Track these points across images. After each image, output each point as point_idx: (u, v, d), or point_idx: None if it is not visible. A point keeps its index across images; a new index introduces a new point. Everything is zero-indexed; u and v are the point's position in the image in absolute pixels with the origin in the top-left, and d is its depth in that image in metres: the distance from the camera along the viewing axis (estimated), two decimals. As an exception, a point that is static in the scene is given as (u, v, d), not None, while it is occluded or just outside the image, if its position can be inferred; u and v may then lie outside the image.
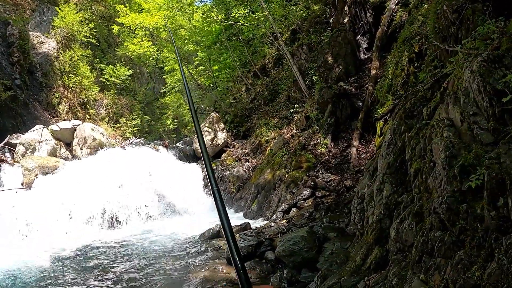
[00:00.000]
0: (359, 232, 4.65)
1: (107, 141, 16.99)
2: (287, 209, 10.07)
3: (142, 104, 25.75)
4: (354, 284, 3.28)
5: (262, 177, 12.07)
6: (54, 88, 19.86)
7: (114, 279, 7.13)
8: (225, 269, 7.02)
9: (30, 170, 12.04)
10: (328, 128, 11.77)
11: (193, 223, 11.29)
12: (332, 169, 10.91)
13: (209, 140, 15.87)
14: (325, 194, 9.96)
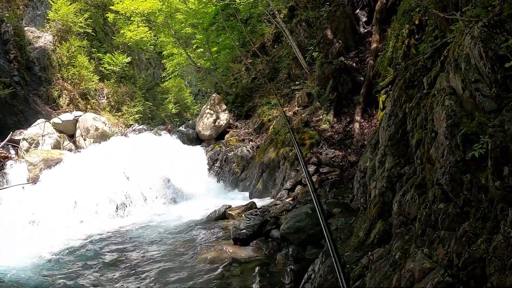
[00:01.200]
0: (362, 206, 4.60)
1: (110, 129, 16.94)
2: (292, 187, 10.05)
3: (143, 90, 25.61)
4: (357, 259, 3.24)
5: (266, 156, 12.03)
6: (53, 82, 19.74)
7: (124, 264, 7.23)
8: (232, 249, 7.06)
9: (35, 164, 12.03)
10: (330, 104, 11.65)
11: (199, 205, 11.35)
12: (336, 145, 10.84)
13: (212, 122, 15.80)
14: (329, 170, 9.92)
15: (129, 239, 8.81)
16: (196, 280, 6.24)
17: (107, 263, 7.30)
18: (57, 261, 7.52)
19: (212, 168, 14.13)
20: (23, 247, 8.44)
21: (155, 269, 6.84)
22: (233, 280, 6.06)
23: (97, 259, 7.55)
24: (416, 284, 2.30)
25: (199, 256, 7.11)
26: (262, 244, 6.90)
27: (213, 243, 7.66)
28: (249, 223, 7.31)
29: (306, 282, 4.61)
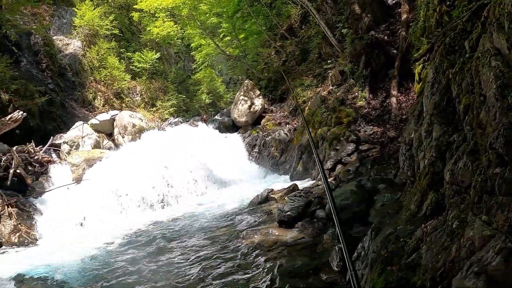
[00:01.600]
0: (409, 180, 4.49)
1: (147, 125, 17.23)
2: (333, 167, 9.98)
3: (175, 84, 25.91)
4: (411, 232, 3.17)
5: (304, 137, 11.99)
6: (87, 85, 20.35)
7: (172, 253, 7.35)
8: (277, 232, 7.07)
9: (77, 165, 12.35)
10: (364, 80, 11.42)
11: (241, 191, 11.47)
12: (374, 121, 10.64)
13: (247, 108, 15.82)
14: (369, 147, 9.77)
15: (175, 229, 8.97)
16: (246, 261, 6.32)
17: (154, 253, 7.46)
18: (106, 256, 7.70)
19: (251, 154, 14.22)
20: (72, 244, 8.75)
21: (203, 255, 6.95)
22: (281, 261, 6.06)
23: (145, 250, 7.71)
24: (477, 252, 2.23)
25: (246, 240, 7.13)
26: (308, 225, 6.87)
27: (258, 227, 7.69)
28: (293, 205, 7.29)
29: (356, 259, 4.58)
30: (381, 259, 3.23)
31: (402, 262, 2.98)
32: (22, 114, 12.42)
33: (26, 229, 9.31)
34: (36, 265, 7.39)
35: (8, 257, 8.28)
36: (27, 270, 7.13)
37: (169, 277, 6.27)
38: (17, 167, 10.91)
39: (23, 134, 12.97)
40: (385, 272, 3.08)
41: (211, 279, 5.91)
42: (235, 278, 5.84)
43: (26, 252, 8.58)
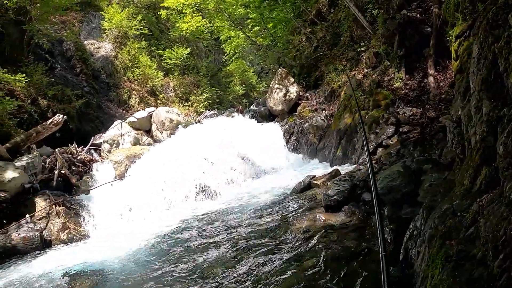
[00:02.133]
0: (458, 158, 4.52)
1: (183, 119, 17.59)
2: (373, 150, 9.94)
3: (207, 77, 26.25)
4: (467, 207, 3.24)
5: (342, 122, 11.97)
6: (121, 85, 21.00)
7: (220, 244, 7.46)
8: (324, 217, 7.15)
9: (119, 162, 12.74)
10: (399, 60, 11.31)
11: (282, 179, 11.52)
12: (412, 102, 10.53)
13: (282, 96, 15.92)
14: (409, 129, 9.68)
15: (220, 219, 9.09)
16: (296, 248, 6.42)
17: (202, 244, 7.59)
18: (153, 249, 7.86)
19: (289, 142, 14.32)
20: (119, 238, 9.01)
21: (252, 243, 7.05)
22: (331, 245, 6.16)
23: (192, 242, 7.86)
24: (540, 219, 2.32)
25: (293, 226, 7.23)
26: (355, 209, 6.92)
27: (304, 213, 7.76)
28: (338, 189, 7.36)
29: (409, 239, 4.65)
30: (439, 235, 3.32)
31: (461, 236, 3.06)
32: (63, 117, 13.02)
33: (74, 226, 9.68)
34: (85, 260, 7.62)
35: (58, 254, 8.56)
36: (78, 265, 7.37)
37: (219, 267, 6.40)
38: (61, 168, 11.36)
39: (64, 137, 13.49)
40: (444, 247, 3.17)
41: (262, 267, 6.03)
42: (286, 265, 5.93)
43: (75, 248, 8.87)
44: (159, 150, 13.56)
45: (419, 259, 3.78)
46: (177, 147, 13.34)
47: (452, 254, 2.98)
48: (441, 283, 2.92)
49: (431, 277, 3.18)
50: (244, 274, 6.02)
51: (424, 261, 3.53)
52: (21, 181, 9.85)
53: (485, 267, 2.63)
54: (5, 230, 8.90)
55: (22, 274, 7.36)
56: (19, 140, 11.60)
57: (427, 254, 3.42)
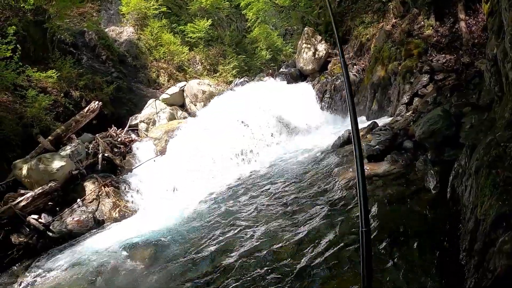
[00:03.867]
0: (497, 96, 4.75)
1: (216, 89, 17.73)
2: (409, 100, 10.07)
3: (232, 46, 26.30)
4: (510, 137, 3.52)
5: (375, 75, 12.05)
6: (148, 65, 21.39)
7: (268, 201, 7.78)
8: (368, 167, 7.32)
9: (159, 138, 13.04)
10: (428, 7, 11.22)
11: (319, 137, 11.68)
12: (445, 49, 10.51)
13: (311, 55, 15.96)
14: (444, 76, 9.73)
15: (265, 179, 9.31)
16: (342, 198, 6.72)
17: (249, 204, 7.91)
18: (201, 215, 8.21)
19: (322, 100, 14.36)
20: (168, 209, 9.35)
21: (302, 196, 7.39)
22: (377, 191, 6.49)
23: (239, 203, 8.16)
24: None
25: (339, 177, 7.50)
26: (397, 157, 7.19)
27: (348, 165, 7.98)
28: (379, 139, 7.64)
29: (454, 178, 4.97)
30: (485, 165, 3.64)
31: (506, 164, 3.38)
32: (99, 103, 13.58)
33: (124, 204, 10.16)
34: (140, 233, 7.99)
35: (113, 231, 8.96)
36: (133, 238, 7.74)
37: (269, 222, 6.72)
38: (104, 151, 11.82)
39: (100, 123, 13.90)
40: (491, 175, 3.49)
41: (311, 219, 6.37)
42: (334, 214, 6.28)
43: (128, 224, 9.26)
44: (197, 121, 13.78)
45: (466, 193, 4.13)
46: (213, 116, 13.50)
47: (499, 181, 3.31)
48: (490, 208, 3.26)
49: (480, 205, 3.53)
50: (294, 225, 6.39)
51: (472, 193, 3.88)
52: (68, 168, 10.38)
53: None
54: (60, 216, 9.46)
55: (83, 253, 7.83)
56: (60, 131, 12.15)
57: (475, 185, 3.76)
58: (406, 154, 7.18)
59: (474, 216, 3.69)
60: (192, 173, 11.21)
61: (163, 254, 6.87)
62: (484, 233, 3.26)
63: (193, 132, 12.66)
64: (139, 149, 12.92)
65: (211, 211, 8.33)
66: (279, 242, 6.01)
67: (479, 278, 3.13)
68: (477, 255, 3.30)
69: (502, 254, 2.82)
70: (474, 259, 3.33)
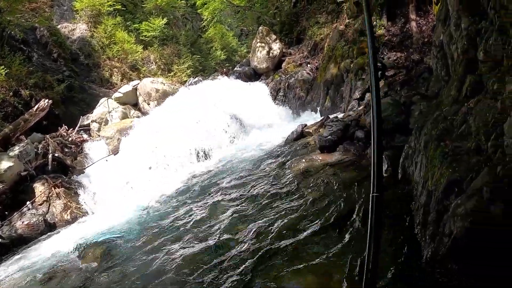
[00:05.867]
0: (444, 81, 4.93)
1: (170, 87, 17.44)
2: (361, 96, 10.28)
3: (187, 46, 25.95)
4: (456, 111, 3.65)
5: (328, 73, 12.27)
6: (101, 64, 20.71)
7: (225, 196, 7.70)
8: (321, 157, 7.52)
9: (111, 137, 12.79)
10: (381, 7, 11.57)
11: (274, 133, 11.69)
12: (396, 47, 10.89)
13: (265, 54, 16.08)
14: (395, 72, 10.05)
15: (218, 177, 9.19)
16: (297, 186, 6.77)
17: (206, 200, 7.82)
18: (157, 214, 8.03)
19: (276, 98, 14.53)
20: (121, 209, 9.02)
21: (257, 188, 7.37)
22: (330, 178, 6.58)
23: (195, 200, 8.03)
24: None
25: (293, 169, 7.56)
26: (349, 146, 7.33)
27: (301, 157, 8.04)
28: (332, 130, 7.75)
29: (404, 159, 5.11)
30: (433, 138, 3.75)
31: (453, 135, 3.50)
32: (48, 102, 13.01)
33: (76, 205, 9.76)
34: (92, 234, 7.74)
35: (65, 233, 8.60)
36: (85, 239, 7.52)
37: (226, 216, 6.67)
38: (54, 151, 11.33)
39: (51, 124, 13.42)
40: (440, 147, 3.60)
41: (268, 208, 6.37)
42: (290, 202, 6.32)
43: (80, 225, 8.94)
44: (150, 120, 13.55)
45: (417, 170, 4.24)
46: (167, 115, 13.33)
47: (448, 151, 3.41)
48: (442, 177, 3.36)
49: (431, 177, 3.63)
50: (251, 216, 6.36)
51: (422, 168, 3.98)
52: (17, 169, 9.90)
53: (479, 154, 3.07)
54: (9, 221, 8.98)
55: (35, 258, 7.50)
56: (8, 130, 11.52)
57: (425, 160, 3.87)
58: (358, 144, 7.33)
59: (425, 189, 3.79)
60: (146, 171, 11.01)
61: (116, 253, 6.68)
62: (436, 202, 3.34)
63: (146, 131, 12.45)
64: (91, 149, 12.57)
65: (166, 209, 8.20)
66: (233, 235, 5.96)
67: (436, 247, 3.20)
68: (431, 225, 3.38)
69: (457, 217, 2.90)
70: (429, 230, 3.41)
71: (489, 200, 2.72)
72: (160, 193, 9.33)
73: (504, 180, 2.64)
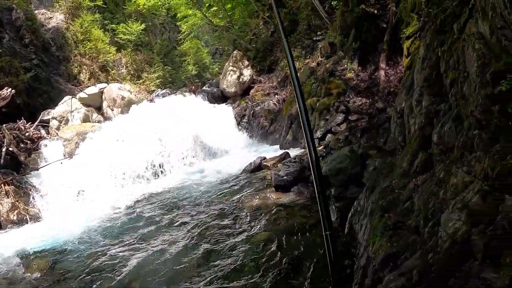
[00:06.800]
0: (400, 145, 5.10)
1: (136, 97, 17.26)
2: (323, 136, 10.51)
3: (160, 55, 25.79)
4: (404, 185, 3.78)
5: (294, 107, 12.42)
6: (71, 59, 20.13)
7: (172, 221, 7.62)
8: (275, 196, 7.59)
9: (69, 140, 12.34)
10: (354, 52, 11.89)
11: (232, 161, 11.72)
12: (362, 93, 11.17)
13: (235, 79, 16.18)
14: (358, 118, 10.32)
15: (173, 198, 9.16)
16: (248, 224, 6.78)
17: (154, 223, 7.67)
18: (106, 227, 7.86)
19: (240, 124, 14.59)
20: (71, 217, 8.80)
21: (204, 221, 7.26)
22: (280, 221, 6.62)
23: (143, 221, 7.90)
24: (460, 194, 2.85)
25: (245, 204, 7.57)
26: (303, 189, 7.45)
27: (255, 192, 8.09)
28: (288, 170, 7.85)
29: (353, 215, 5.20)
30: (379, 208, 3.85)
31: (398, 209, 3.61)
32: (11, 91, 12.48)
33: (24, 206, 9.36)
34: (39, 241, 7.51)
35: (9, 235, 8.31)
36: (30, 245, 7.28)
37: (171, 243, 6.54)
38: (9, 144, 10.81)
39: (10, 113, 12.84)
40: (383, 218, 3.70)
41: (214, 244, 6.28)
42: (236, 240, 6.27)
43: (26, 229, 8.64)
44: (111, 127, 13.23)
45: (361, 231, 4.32)
46: (129, 125, 13.07)
47: (390, 224, 3.51)
48: (381, 247, 3.44)
49: (372, 244, 3.71)
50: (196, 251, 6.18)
51: (366, 232, 4.07)
52: None
53: (417, 234, 3.17)
54: None
55: None
56: None
57: (369, 225, 3.95)
58: (313, 187, 7.36)
59: (366, 253, 3.86)
60: (99, 182, 10.71)
61: (62, 266, 6.46)
62: (373, 270, 3.41)
63: (106, 139, 12.17)
64: (47, 148, 12.07)
65: (116, 221, 8.08)
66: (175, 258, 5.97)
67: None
68: (367, 291, 3.43)
69: (388, 293, 2.95)
70: (364, 294, 3.45)
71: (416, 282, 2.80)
72: (112, 206, 9.16)
73: (433, 267, 2.73)
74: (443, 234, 2.73)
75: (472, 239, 2.48)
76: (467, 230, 2.55)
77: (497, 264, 2.25)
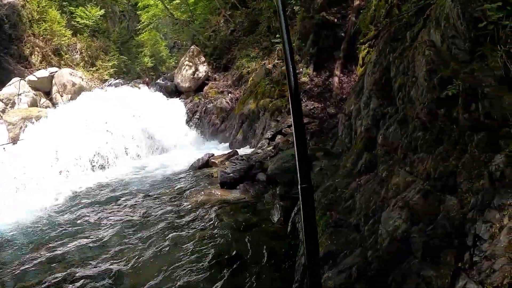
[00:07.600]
0: (346, 146, 5.15)
1: (87, 84, 16.64)
2: (273, 136, 10.50)
3: (117, 44, 24.97)
4: (347, 184, 3.79)
5: (246, 107, 12.41)
6: (24, 39, 19.00)
7: (116, 213, 7.43)
8: (220, 192, 7.51)
9: (14, 124, 11.87)
10: (310, 58, 12.01)
11: (181, 156, 11.55)
12: (315, 98, 11.30)
13: (190, 74, 15.96)
14: (309, 121, 10.38)
15: (115, 191, 8.95)
16: (191, 219, 6.67)
17: (98, 213, 7.48)
18: (49, 217, 7.62)
19: (191, 120, 14.40)
20: (13, 206, 8.42)
21: (148, 214, 7.12)
22: (224, 217, 6.51)
23: (87, 211, 7.70)
24: (401, 193, 2.87)
25: (190, 200, 7.45)
26: (249, 187, 7.40)
27: (201, 188, 7.99)
28: (235, 168, 7.78)
29: (295, 214, 5.18)
30: (321, 206, 3.83)
31: (340, 208, 3.60)
32: None
33: None
34: None
35: None
36: None
37: (113, 235, 6.38)
38: None
39: None
40: (325, 216, 3.68)
41: (155, 237, 6.12)
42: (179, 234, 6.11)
43: None
44: (59, 114, 12.68)
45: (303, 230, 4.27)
46: (78, 113, 12.57)
47: (331, 222, 3.49)
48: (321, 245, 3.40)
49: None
50: (140, 244, 6.00)
51: (306, 230, 4.02)
52: None
53: (358, 232, 3.17)
54: None
55: None
56: None
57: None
58: (258, 186, 7.39)
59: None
60: (43, 171, 10.21)
61: None
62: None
63: (52, 126, 11.67)
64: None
65: (58, 213, 7.73)
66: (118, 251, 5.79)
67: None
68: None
69: (327, 289, 2.92)
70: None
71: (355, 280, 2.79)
72: (55, 196, 8.80)
73: (373, 264, 2.72)
74: (383, 231, 2.73)
75: (412, 237, 2.49)
76: (407, 228, 2.57)
77: (437, 263, 2.26)
